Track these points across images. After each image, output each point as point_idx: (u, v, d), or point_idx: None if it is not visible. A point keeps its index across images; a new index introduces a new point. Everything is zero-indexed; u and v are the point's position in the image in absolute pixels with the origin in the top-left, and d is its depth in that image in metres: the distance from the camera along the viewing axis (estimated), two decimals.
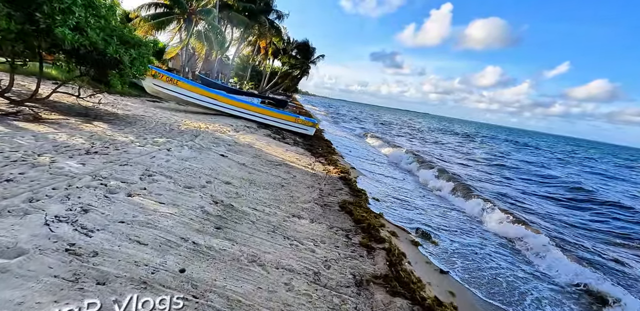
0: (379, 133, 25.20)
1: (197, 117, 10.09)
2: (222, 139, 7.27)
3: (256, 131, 10.07)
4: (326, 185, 6.15)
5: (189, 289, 2.23)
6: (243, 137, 8.41)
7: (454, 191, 8.67)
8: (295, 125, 12.01)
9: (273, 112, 12.02)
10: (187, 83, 11.29)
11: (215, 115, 11.81)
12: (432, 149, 21.28)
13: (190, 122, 8.76)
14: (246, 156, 6.50)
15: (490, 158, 21.09)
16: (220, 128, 8.66)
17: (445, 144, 27.38)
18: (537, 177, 15.30)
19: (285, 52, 48.55)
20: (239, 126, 9.96)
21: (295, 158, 7.84)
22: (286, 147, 8.90)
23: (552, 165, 23.24)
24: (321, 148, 10.11)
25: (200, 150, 5.87)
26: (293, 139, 10.86)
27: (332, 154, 9.67)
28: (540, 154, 33.06)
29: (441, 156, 18.02)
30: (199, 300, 2.15)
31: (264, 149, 7.70)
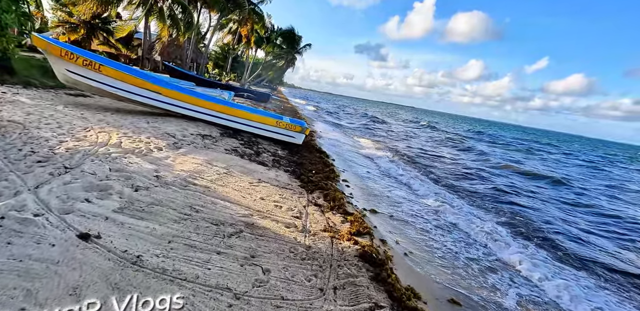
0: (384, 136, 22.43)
1: (122, 121, 6.45)
2: (127, 173, 3.70)
3: (215, 143, 6.52)
4: (336, 282, 2.80)
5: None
6: (182, 159, 4.88)
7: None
8: (277, 131, 8.50)
9: (245, 111, 8.45)
10: (116, 69, 7.57)
11: (163, 116, 8.17)
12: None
13: (95, 133, 5.15)
14: (164, 217, 3.02)
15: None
16: (146, 145, 5.08)
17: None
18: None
19: (269, 41, 44.50)
20: (187, 136, 6.38)
21: (273, 200, 4.39)
22: (260, 173, 5.43)
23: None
24: (315, 170, 6.68)
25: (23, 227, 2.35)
26: (272, 153, 7.35)
27: (333, 180, 6.27)
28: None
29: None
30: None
31: (216, 186, 4.22)
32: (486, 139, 38.51)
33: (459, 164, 15.11)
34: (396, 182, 9.14)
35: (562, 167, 21.48)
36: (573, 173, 18.38)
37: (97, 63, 7.42)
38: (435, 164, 13.95)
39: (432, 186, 9.66)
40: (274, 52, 46.06)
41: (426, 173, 11.36)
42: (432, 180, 10.52)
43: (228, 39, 43.19)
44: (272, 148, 7.96)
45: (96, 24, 31.30)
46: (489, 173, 13.30)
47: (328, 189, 5.37)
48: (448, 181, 10.76)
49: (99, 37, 33.79)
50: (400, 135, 26.54)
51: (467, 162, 16.48)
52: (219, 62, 59.30)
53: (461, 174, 12.54)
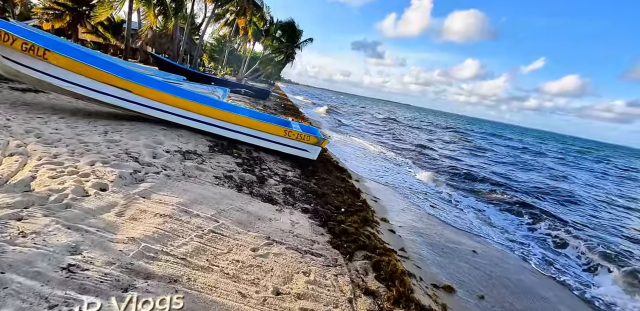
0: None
1: (65, 132, 4.37)
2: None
3: (201, 165, 4.48)
4: None
5: None
6: (139, 209, 2.85)
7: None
8: (286, 143, 6.48)
9: (244, 116, 6.38)
10: (67, 57, 5.48)
11: (135, 120, 6.10)
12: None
13: (2, 157, 3.14)
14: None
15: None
16: (81, 180, 3.04)
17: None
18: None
19: (268, 34, 42.14)
20: (159, 157, 4.31)
21: (297, 293, 2.37)
22: (268, 222, 3.42)
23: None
24: (343, 204, 4.69)
25: None
26: (282, 177, 5.32)
27: (372, 224, 4.28)
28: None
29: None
30: None
31: (192, 273, 2.23)
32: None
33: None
34: (461, 213, 7.21)
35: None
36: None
37: (40, 48, 5.31)
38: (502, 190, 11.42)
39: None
40: (273, 45, 43.68)
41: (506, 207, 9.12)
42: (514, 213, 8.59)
43: (225, 31, 40.77)
44: (280, 167, 5.94)
45: (82, 11, 28.69)
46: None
47: (374, 248, 3.41)
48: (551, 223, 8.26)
49: (85, 25, 31.09)
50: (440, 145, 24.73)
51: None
52: (215, 55, 56.70)
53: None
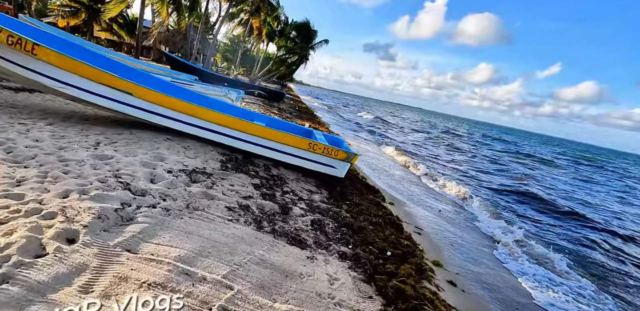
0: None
1: (43, 146, 3.45)
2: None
3: (211, 190, 3.54)
4: None
5: None
6: (119, 272, 1.98)
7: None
8: (310, 158, 5.52)
9: (264, 127, 5.44)
10: (59, 53, 4.63)
11: (134, 127, 5.23)
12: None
13: None
14: None
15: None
16: (40, 225, 2.11)
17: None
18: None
19: (282, 34, 41.42)
20: (158, 179, 3.31)
21: None
22: (299, 280, 2.43)
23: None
24: (385, 241, 3.67)
25: None
26: (308, 204, 4.31)
27: (427, 276, 3.28)
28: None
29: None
30: None
31: None
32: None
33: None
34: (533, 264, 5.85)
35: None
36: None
37: (29, 41, 4.48)
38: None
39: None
40: (287, 46, 42.97)
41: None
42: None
43: (238, 31, 40.26)
44: (304, 188, 4.97)
45: (98, 9, 28.36)
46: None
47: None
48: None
49: (100, 22, 30.80)
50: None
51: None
52: (228, 55, 56.29)
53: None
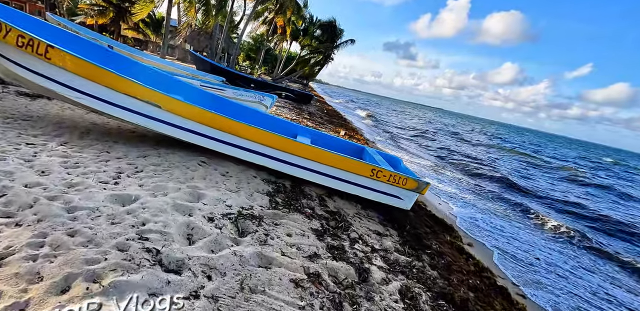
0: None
1: (44, 182, 2.65)
2: None
3: (267, 240, 2.54)
4: None
5: None
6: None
7: None
8: (374, 187, 4.45)
9: (316, 149, 4.37)
10: (76, 57, 3.78)
11: (162, 146, 4.33)
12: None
13: None
14: None
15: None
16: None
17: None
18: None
19: (307, 33, 40.45)
20: (200, 233, 2.30)
21: None
22: None
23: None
24: None
25: None
26: (383, 255, 3.24)
27: None
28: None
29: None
30: None
31: None
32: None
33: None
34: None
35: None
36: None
37: (42, 43, 3.62)
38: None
39: None
40: (312, 45, 41.94)
41: None
42: None
43: (262, 30, 39.67)
44: (369, 228, 3.90)
45: (125, 8, 28.29)
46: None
47: None
48: None
49: (128, 21, 30.80)
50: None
51: None
52: (251, 54, 55.98)
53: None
